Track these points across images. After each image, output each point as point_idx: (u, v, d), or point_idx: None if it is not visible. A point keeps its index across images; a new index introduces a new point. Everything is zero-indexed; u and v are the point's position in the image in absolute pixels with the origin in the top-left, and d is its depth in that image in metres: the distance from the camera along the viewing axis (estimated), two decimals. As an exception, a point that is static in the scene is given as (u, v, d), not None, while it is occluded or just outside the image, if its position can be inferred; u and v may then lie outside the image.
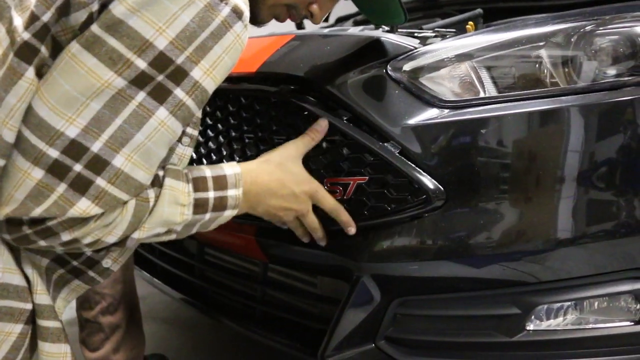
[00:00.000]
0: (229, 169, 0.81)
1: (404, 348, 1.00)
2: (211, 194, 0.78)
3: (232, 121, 1.12)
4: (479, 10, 1.29)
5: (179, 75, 0.66)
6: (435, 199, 0.90)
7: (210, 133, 1.18)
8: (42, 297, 0.74)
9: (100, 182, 0.65)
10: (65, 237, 0.68)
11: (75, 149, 0.63)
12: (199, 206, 0.77)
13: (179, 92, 0.67)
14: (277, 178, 0.86)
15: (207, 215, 0.79)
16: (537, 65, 0.94)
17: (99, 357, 1.23)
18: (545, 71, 0.94)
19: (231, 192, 0.80)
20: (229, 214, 0.81)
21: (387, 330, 1.00)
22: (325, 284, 1.15)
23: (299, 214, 0.91)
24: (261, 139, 1.07)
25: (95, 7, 0.63)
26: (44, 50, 0.64)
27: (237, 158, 1.12)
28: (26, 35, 0.63)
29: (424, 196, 0.91)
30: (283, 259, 1.13)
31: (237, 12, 0.67)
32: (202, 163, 1.22)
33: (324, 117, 0.93)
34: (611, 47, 0.92)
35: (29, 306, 0.73)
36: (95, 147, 0.64)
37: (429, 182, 0.90)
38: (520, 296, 0.95)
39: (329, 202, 0.92)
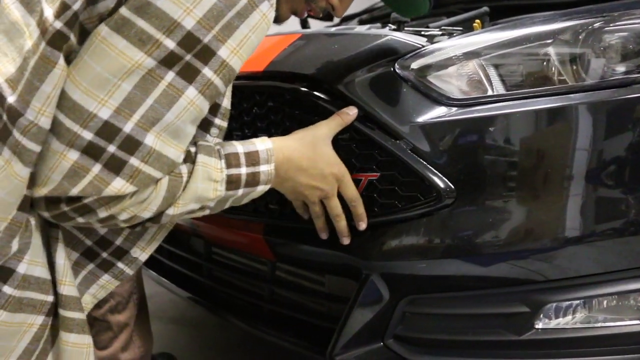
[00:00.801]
0: (261, 144, 0.82)
1: (412, 347, 1.00)
2: (243, 170, 0.79)
3: (245, 118, 1.12)
4: (485, 9, 1.29)
5: (207, 54, 0.67)
6: (445, 197, 0.90)
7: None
8: (69, 288, 0.75)
9: (133, 161, 0.67)
10: (102, 213, 0.69)
11: (108, 130, 0.65)
12: (232, 182, 0.78)
13: (207, 72, 0.68)
14: (309, 157, 0.86)
15: (240, 191, 0.80)
16: (545, 63, 0.94)
17: (107, 355, 1.23)
18: (553, 69, 0.93)
19: (263, 168, 0.81)
20: (261, 189, 0.82)
21: (396, 328, 1.00)
22: (333, 283, 1.15)
23: (324, 195, 0.90)
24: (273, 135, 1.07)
25: None
26: (72, 38, 0.66)
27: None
28: (58, 24, 0.64)
29: (435, 194, 0.91)
30: (291, 258, 1.13)
31: None
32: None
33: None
34: (620, 44, 0.92)
35: (50, 298, 0.74)
36: (127, 127, 0.65)
37: (439, 180, 0.90)
38: (529, 294, 0.95)
39: (352, 191, 0.92)
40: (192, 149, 0.76)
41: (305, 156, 0.86)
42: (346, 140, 0.97)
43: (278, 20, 0.91)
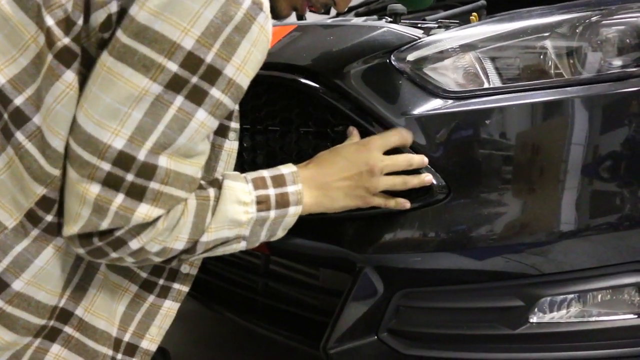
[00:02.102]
0: (285, 169, 0.82)
1: (406, 340, 1.00)
2: (271, 191, 0.79)
3: (241, 109, 1.11)
4: (482, 2, 1.29)
5: (213, 74, 0.66)
6: (438, 192, 0.90)
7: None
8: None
9: (154, 185, 0.67)
10: (134, 245, 0.69)
11: (123, 159, 0.65)
12: (262, 203, 0.77)
13: (215, 92, 0.68)
14: (328, 159, 0.86)
15: (272, 213, 0.78)
16: (541, 56, 0.93)
17: None
18: (550, 62, 0.93)
19: (291, 189, 0.80)
20: (293, 210, 0.80)
21: (390, 322, 1.00)
22: (327, 276, 1.14)
23: (368, 185, 0.85)
24: (269, 126, 1.07)
25: (113, 8, 0.64)
26: (79, 53, 0.66)
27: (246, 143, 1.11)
28: (66, 40, 0.65)
29: (427, 189, 0.90)
30: (285, 251, 1.13)
31: (257, 3, 0.67)
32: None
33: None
34: (617, 37, 0.92)
35: (109, 352, 0.79)
36: (142, 155, 0.66)
37: (432, 176, 0.90)
38: (524, 288, 0.95)
39: (399, 160, 0.87)
40: (219, 177, 0.77)
41: (327, 160, 0.86)
42: (341, 132, 0.97)
43: (278, 16, 0.90)
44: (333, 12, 2.37)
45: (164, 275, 0.84)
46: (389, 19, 1.14)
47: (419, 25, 1.09)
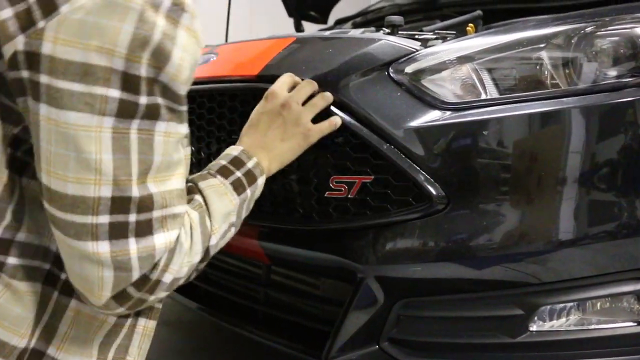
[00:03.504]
0: (234, 151, 0.87)
1: (407, 349, 1.00)
2: (239, 174, 0.83)
3: (240, 120, 1.12)
4: (478, 12, 1.30)
5: (154, 86, 0.63)
6: (437, 203, 0.91)
7: (204, 135, 1.18)
8: None
9: (157, 214, 0.65)
10: (167, 278, 0.67)
11: (119, 203, 0.62)
12: (238, 187, 0.82)
13: (161, 101, 0.64)
14: (252, 124, 0.94)
15: (249, 192, 0.84)
16: (537, 67, 0.95)
17: None
18: (546, 73, 0.94)
19: (250, 164, 0.86)
20: (261, 181, 0.87)
21: (391, 331, 1.00)
22: (328, 286, 1.15)
23: (291, 118, 0.92)
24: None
25: (20, 45, 0.58)
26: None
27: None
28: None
29: (427, 200, 0.91)
30: (286, 262, 1.13)
31: (177, 4, 0.62)
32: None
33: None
34: (611, 48, 0.93)
35: None
36: (134, 191, 0.63)
37: (431, 186, 0.91)
38: (523, 297, 0.95)
39: (303, 86, 0.95)
40: (189, 184, 0.77)
41: (253, 125, 0.93)
42: (341, 144, 0.97)
43: None
44: (330, 22, 2.38)
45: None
46: (387, 31, 1.15)
47: (416, 36, 1.10)
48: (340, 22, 2.15)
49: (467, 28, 1.19)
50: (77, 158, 0.60)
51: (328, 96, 0.95)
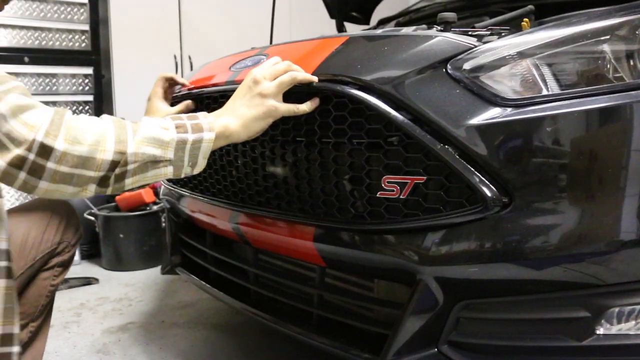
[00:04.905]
0: (200, 115, 1.01)
1: (467, 352, 0.98)
2: (187, 121, 0.97)
3: (295, 120, 1.12)
4: (530, 7, 1.26)
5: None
6: (493, 205, 0.89)
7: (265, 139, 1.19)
8: None
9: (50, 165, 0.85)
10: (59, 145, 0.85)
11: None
12: (179, 127, 0.95)
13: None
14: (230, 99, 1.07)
15: (190, 136, 0.95)
16: (600, 60, 0.91)
17: None
18: (609, 66, 0.91)
19: (203, 120, 0.99)
20: (208, 136, 0.97)
21: (450, 334, 0.98)
22: (382, 288, 1.13)
23: (259, 91, 1.04)
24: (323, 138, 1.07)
25: None
26: None
27: (290, 159, 1.12)
28: None
29: (481, 202, 0.89)
30: (342, 264, 1.12)
31: None
32: (261, 169, 1.22)
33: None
34: (681, 38, 0.89)
35: None
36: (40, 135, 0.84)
37: (486, 188, 0.89)
38: (589, 298, 0.92)
39: (276, 65, 1.07)
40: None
41: (230, 99, 1.07)
42: (394, 144, 0.96)
43: None
44: (373, 22, 2.36)
45: None
46: (439, 28, 1.13)
47: (470, 33, 1.08)
48: (383, 22, 2.14)
49: (522, 23, 1.16)
50: None
51: (294, 75, 1.05)
